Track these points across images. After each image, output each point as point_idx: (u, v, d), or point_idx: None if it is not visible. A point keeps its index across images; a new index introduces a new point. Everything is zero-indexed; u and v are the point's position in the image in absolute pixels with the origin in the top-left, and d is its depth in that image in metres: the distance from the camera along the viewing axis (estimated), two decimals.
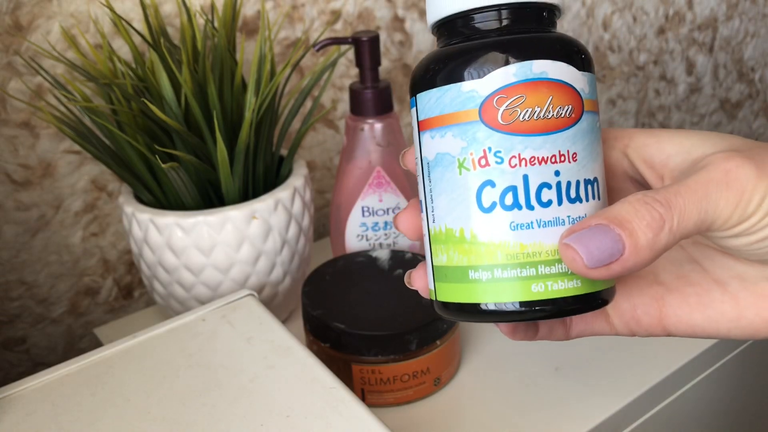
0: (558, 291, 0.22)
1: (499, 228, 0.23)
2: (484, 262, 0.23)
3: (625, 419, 0.42)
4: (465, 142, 0.23)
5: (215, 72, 0.44)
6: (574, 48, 0.23)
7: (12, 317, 0.54)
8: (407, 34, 0.67)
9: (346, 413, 0.31)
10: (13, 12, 0.48)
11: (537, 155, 0.22)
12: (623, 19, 0.86)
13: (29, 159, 0.51)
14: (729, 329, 0.25)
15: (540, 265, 0.22)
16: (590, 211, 0.23)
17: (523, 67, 0.22)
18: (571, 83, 0.23)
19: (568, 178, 0.23)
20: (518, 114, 0.22)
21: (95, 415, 0.32)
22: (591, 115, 0.23)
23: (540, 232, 0.22)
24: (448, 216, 0.24)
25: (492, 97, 0.22)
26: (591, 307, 0.23)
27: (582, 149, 0.23)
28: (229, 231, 0.44)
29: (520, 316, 0.23)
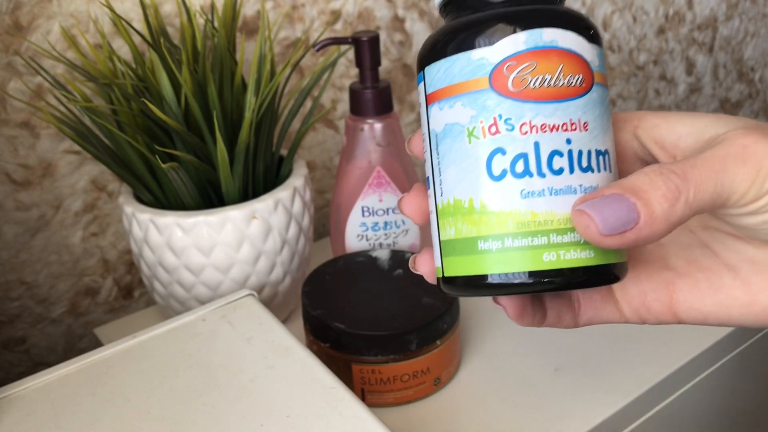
0: (570, 261, 0.22)
1: (509, 196, 0.22)
2: (494, 231, 0.22)
3: (625, 419, 0.42)
4: (475, 111, 0.23)
5: (215, 72, 0.44)
6: (583, 21, 0.23)
7: (12, 317, 0.54)
8: (407, 34, 0.67)
9: (346, 413, 0.31)
10: (13, 12, 0.48)
11: (548, 122, 0.22)
12: (623, 19, 0.86)
13: (29, 159, 0.51)
14: (741, 314, 0.24)
15: (552, 234, 0.22)
16: (602, 182, 0.22)
17: (533, 34, 0.22)
18: (580, 53, 0.22)
19: (580, 147, 0.22)
20: (529, 81, 0.22)
21: (95, 415, 0.32)
22: (601, 88, 0.23)
23: (552, 199, 0.22)
24: (457, 187, 0.23)
25: (502, 64, 0.22)
26: (603, 280, 0.23)
27: (593, 119, 0.23)
28: (229, 231, 0.44)
29: (530, 287, 0.22)
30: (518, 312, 0.26)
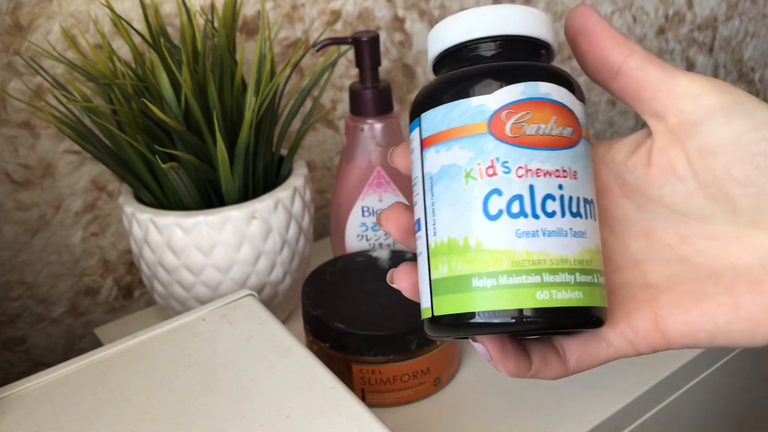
0: (561, 300, 0.23)
1: (505, 235, 0.23)
2: (489, 269, 0.23)
3: (625, 419, 0.42)
4: (473, 153, 0.24)
5: (215, 72, 0.44)
6: (571, 78, 0.25)
7: (12, 317, 0.54)
8: (407, 34, 0.67)
9: (346, 413, 0.31)
10: (13, 12, 0.48)
11: (542, 167, 0.23)
12: (623, 19, 0.86)
13: (29, 159, 0.51)
14: (728, 321, 0.24)
15: (545, 273, 0.23)
16: (589, 229, 0.24)
17: (530, 86, 0.24)
18: (571, 107, 0.24)
19: (570, 193, 0.24)
20: (525, 128, 0.23)
21: (95, 415, 0.32)
22: (586, 142, 0.25)
23: (545, 240, 0.23)
24: (452, 226, 0.24)
25: (501, 111, 0.24)
26: (589, 322, 0.23)
27: (581, 169, 0.24)
28: (229, 231, 0.44)
29: (522, 325, 0.23)
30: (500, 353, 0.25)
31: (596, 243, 0.24)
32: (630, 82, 0.25)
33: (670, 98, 0.24)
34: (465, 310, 0.23)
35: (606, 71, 0.26)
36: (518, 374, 0.26)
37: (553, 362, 0.26)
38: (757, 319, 0.23)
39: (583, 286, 0.23)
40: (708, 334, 0.24)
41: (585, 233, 0.24)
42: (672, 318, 0.24)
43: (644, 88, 0.25)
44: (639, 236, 0.26)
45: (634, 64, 0.25)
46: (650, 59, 0.25)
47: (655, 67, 0.25)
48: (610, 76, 0.26)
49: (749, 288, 0.23)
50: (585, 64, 0.26)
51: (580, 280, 0.23)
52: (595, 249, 0.24)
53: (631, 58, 0.25)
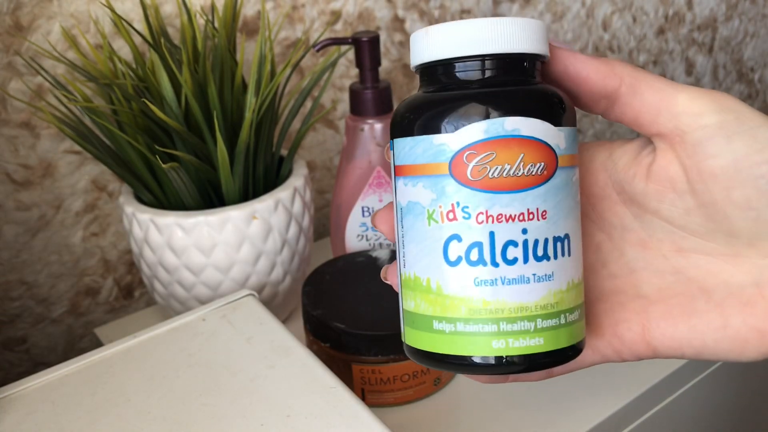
0: (519, 348, 0.22)
1: (463, 282, 0.23)
2: (447, 314, 0.23)
3: (625, 419, 0.42)
4: (435, 194, 0.23)
5: (215, 72, 0.44)
6: (553, 102, 0.23)
7: (12, 317, 0.54)
8: (407, 34, 0.67)
9: (346, 413, 0.31)
10: (14, 12, 0.48)
11: (504, 213, 0.22)
12: (623, 20, 0.86)
13: (29, 159, 0.51)
14: (715, 340, 0.23)
15: (502, 322, 0.22)
16: (557, 269, 0.23)
17: (494, 124, 0.22)
18: (545, 140, 0.22)
19: (536, 236, 0.22)
20: (488, 171, 0.22)
21: (95, 415, 0.32)
22: (566, 171, 0.23)
23: (504, 289, 0.22)
24: (417, 264, 0.24)
25: (462, 152, 0.22)
26: (551, 363, 0.23)
27: (553, 206, 0.23)
28: (229, 231, 0.44)
29: (478, 370, 0.23)
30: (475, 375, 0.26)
31: (569, 279, 0.23)
32: (626, 109, 0.24)
33: (669, 119, 0.23)
34: (426, 348, 0.24)
35: (602, 104, 0.25)
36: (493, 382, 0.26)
37: None
38: (746, 338, 0.23)
39: (545, 331, 0.22)
40: (694, 349, 0.24)
41: (552, 275, 0.23)
42: (659, 331, 0.24)
43: (642, 113, 0.24)
44: (635, 245, 0.26)
45: (627, 90, 0.24)
46: (642, 81, 0.24)
47: (649, 89, 0.24)
48: (607, 107, 0.25)
49: (740, 308, 0.23)
50: (578, 104, 0.25)
51: (542, 326, 0.22)
52: (566, 288, 0.23)
53: (622, 86, 0.24)
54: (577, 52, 0.24)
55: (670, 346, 0.24)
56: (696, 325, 0.24)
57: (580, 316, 0.24)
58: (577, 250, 0.24)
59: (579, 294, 0.24)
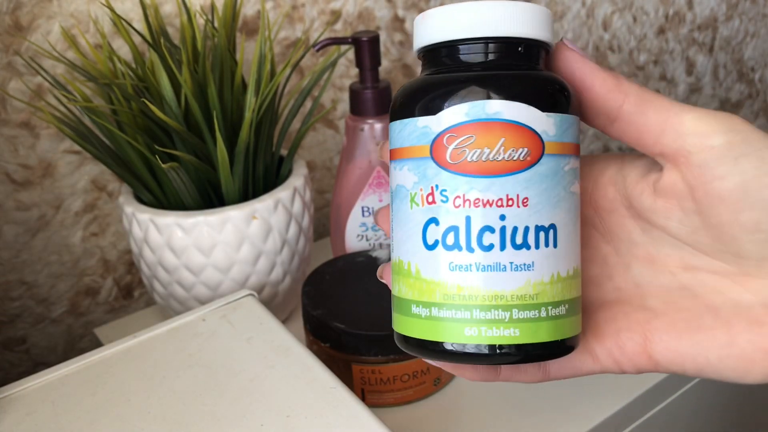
0: (491, 338, 0.22)
1: (439, 267, 0.22)
2: (424, 298, 0.23)
3: (625, 419, 0.42)
4: (417, 177, 0.23)
5: (215, 72, 0.44)
6: (542, 87, 0.22)
7: (12, 317, 0.54)
8: (407, 34, 0.67)
9: (346, 413, 0.31)
10: (13, 12, 0.48)
11: (481, 197, 0.22)
12: (623, 19, 0.86)
13: (29, 159, 0.51)
14: (719, 357, 0.23)
15: (475, 309, 0.22)
16: (539, 259, 0.22)
17: (475, 106, 0.22)
18: (529, 125, 0.22)
19: (515, 224, 0.22)
20: (466, 154, 0.22)
21: (95, 415, 0.32)
22: (555, 159, 0.22)
23: (478, 275, 0.22)
24: (401, 248, 0.24)
25: (443, 135, 0.22)
26: (526, 358, 0.22)
27: (537, 194, 0.22)
28: (229, 231, 0.44)
29: (448, 358, 0.23)
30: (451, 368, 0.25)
31: (554, 272, 0.22)
32: (629, 128, 0.23)
33: (674, 140, 0.23)
34: (405, 332, 0.24)
35: (602, 119, 0.24)
36: (482, 380, 0.25)
37: (529, 368, 0.25)
38: (752, 358, 0.23)
39: (521, 322, 0.22)
40: (696, 365, 0.24)
41: (532, 265, 0.22)
42: (662, 344, 0.24)
43: (645, 132, 0.23)
44: (642, 259, 0.26)
45: (631, 108, 0.23)
46: (647, 100, 0.23)
47: (653, 109, 0.23)
48: (607, 123, 0.24)
49: (748, 327, 0.23)
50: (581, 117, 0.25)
51: (518, 317, 0.22)
52: (549, 280, 0.22)
53: (627, 103, 0.23)
54: (587, 59, 0.24)
55: (673, 360, 0.24)
56: (701, 341, 0.23)
57: (569, 313, 0.23)
58: (569, 243, 0.23)
59: (568, 289, 0.23)
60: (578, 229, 0.24)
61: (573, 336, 0.23)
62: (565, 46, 0.24)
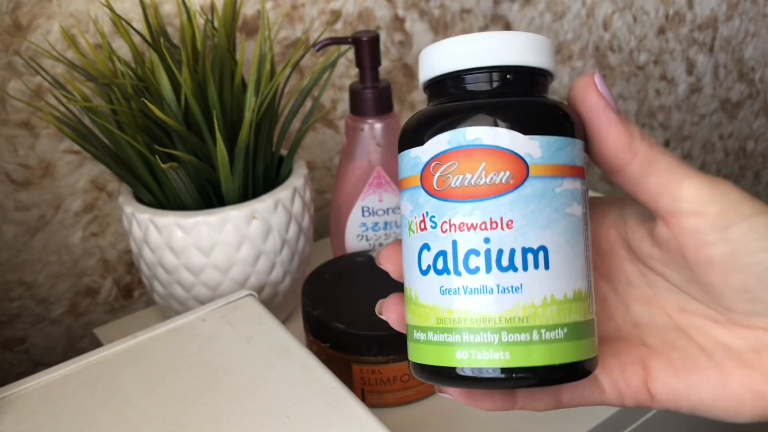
0: (481, 361, 0.22)
1: (431, 291, 0.23)
2: (422, 323, 0.23)
3: (625, 419, 0.42)
4: (412, 206, 0.24)
5: (215, 72, 0.44)
6: (527, 111, 0.23)
7: (12, 317, 0.54)
8: (407, 34, 0.67)
9: (346, 413, 0.31)
10: (13, 12, 0.48)
11: (465, 221, 0.22)
12: (623, 19, 0.86)
13: (29, 159, 0.51)
14: (713, 398, 0.24)
15: (465, 332, 0.22)
16: (528, 281, 0.22)
17: (456, 134, 0.22)
18: (510, 149, 0.22)
19: (500, 246, 0.22)
20: (450, 180, 0.23)
21: (95, 415, 0.32)
22: (543, 181, 0.22)
23: (466, 298, 0.22)
24: (406, 275, 0.25)
25: (430, 163, 0.23)
26: (519, 383, 0.22)
27: (522, 216, 0.22)
28: (229, 231, 0.44)
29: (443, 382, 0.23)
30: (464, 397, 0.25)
31: (546, 294, 0.22)
32: (629, 183, 0.24)
33: (670, 203, 0.23)
34: (411, 359, 0.24)
35: (605, 168, 0.24)
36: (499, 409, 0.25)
37: (544, 397, 0.25)
38: (743, 400, 0.24)
39: (511, 345, 0.22)
40: (691, 404, 0.24)
41: (520, 288, 0.22)
42: (659, 381, 0.25)
43: (643, 192, 0.24)
44: (640, 300, 0.27)
45: (636, 169, 0.23)
46: (653, 161, 0.23)
47: (656, 172, 0.23)
48: (609, 172, 0.24)
49: (739, 369, 0.24)
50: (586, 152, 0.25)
51: (507, 340, 0.22)
52: (540, 302, 0.22)
53: (633, 163, 0.23)
54: (610, 107, 0.23)
55: (669, 397, 0.25)
56: (696, 381, 0.24)
57: (569, 337, 0.22)
58: (565, 265, 0.22)
59: (567, 312, 0.22)
60: (581, 251, 0.23)
61: (574, 362, 0.22)
62: (595, 87, 0.23)
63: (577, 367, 0.23)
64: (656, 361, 0.25)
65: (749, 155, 1.15)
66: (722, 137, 1.08)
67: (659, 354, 0.25)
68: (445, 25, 0.69)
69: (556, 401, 0.25)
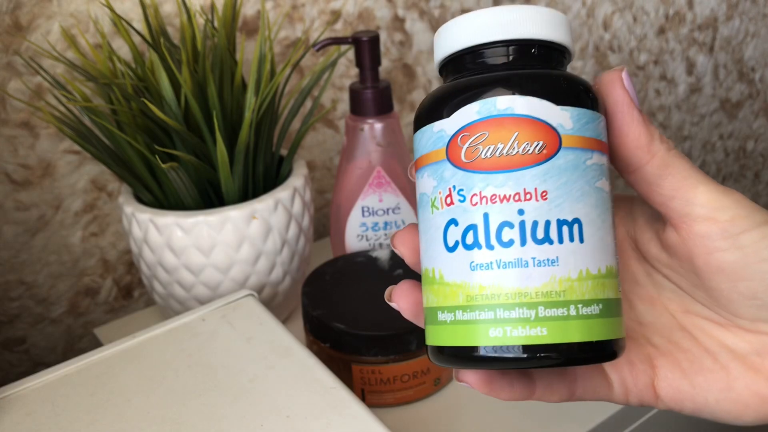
0: (516, 338, 0.21)
1: (460, 268, 0.22)
2: (448, 303, 0.22)
3: (625, 419, 0.42)
4: (435, 181, 0.23)
5: (215, 72, 0.44)
6: (555, 82, 0.22)
7: (12, 317, 0.54)
8: (407, 34, 0.67)
9: (346, 413, 0.31)
10: (13, 12, 0.48)
11: (498, 193, 0.21)
12: (623, 19, 0.86)
13: (29, 159, 0.51)
14: (717, 400, 0.24)
15: (498, 309, 0.21)
16: (564, 254, 0.21)
17: (486, 104, 0.22)
18: (543, 119, 0.21)
19: (535, 218, 0.21)
20: (480, 151, 0.22)
21: (95, 415, 0.32)
22: (575, 152, 0.22)
23: (499, 273, 0.21)
24: (425, 256, 0.23)
25: (457, 135, 0.22)
26: (557, 360, 0.21)
27: (556, 187, 0.21)
28: (229, 231, 0.44)
29: (476, 363, 0.22)
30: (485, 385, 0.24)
31: (581, 268, 0.21)
32: (642, 184, 0.24)
33: (683, 207, 0.23)
34: (435, 343, 0.23)
35: (621, 165, 0.24)
36: (517, 399, 0.25)
37: (560, 388, 0.25)
38: (747, 403, 0.24)
39: (549, 321, 0.21)
40: (695, 405, 0.24)
41: (557, 260, 0.21)
42: (666, 382, 0.25)
43: (656, 193, 0.23)
44: (644, 300, 0.27)
45: (652, 170, 0.23)
46: (670, 164, 0.23)
47: (672, 175, 0.23)
48: (624, 170, 0.24)
49: (744, 372, 0.24)
50: None
51: (544, 315, 0.21)
52: (576, 276, 0.21)
53: (650, 164, 0.23)
54: (634, 105, 0.23)
55: (674, 398, 0.25)
56: (702, 383, 0.24)
57: (603, 314, 0.21)
58: (598, 240, 0.22)
59: (601, 288, 0.22)
60: (610, 227, 0.23)
61: (609, 339, 0.22)
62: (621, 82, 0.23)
63: (612, 345, 0.22)
64: (663, 361, 0.25)
65: (749, 155, 1.15)
66: (722, 137, 1.08)
67: (666, 354, 0.25)
68: None
69: (570, 393, 0.25)
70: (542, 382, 0.25)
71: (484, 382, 0.24)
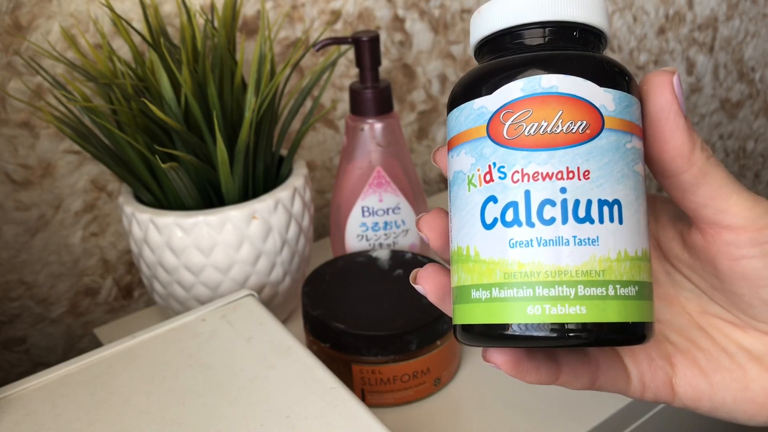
0: (555, 316, 0.21)
1: (498, 245, 0.22)
2: (484, 280, 0.22)
3: (625, 419, 0.42)
4: (474, 159, 0.23)
5: (215, 72, 0.44)
6: (598, 64, 0.22)
7: (12, 317, 0.54)
8: (407, 34, 0.67)
9: (346, 413, 0.31)
10: (13, 12, 0.48)
11: (541, 170, 0.21)
12: (623, 19, 0.86)
13: (29, 159, 0.51)
14: (735, 400, 0.24)
15: (538, 286, 0.21)
16: (604, 234, 0.21)
17: (531, 81, 0.22)
18: (587, 98, 0.22)
19: (577, 196, 0.21)
20: (523, 128, 0.22)
21: (95, 415, 0.32)
22: (617, 134, 0.22)
23: (540, 250, 0.21)
24: (459, 234, 0.23)
25: (499, 112, 0.22)
26: (597, 340, 0.21)
27: (598, 167, 0.21)
28: (229, 231, 0.44)
29: (512, 341, 0.21)
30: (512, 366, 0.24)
31: (620, 249, 0.21)
32: (677, 190, 0.24)
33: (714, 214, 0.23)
34: (467, 321, 0.23)
35: (656, 169, 0.24)
36: (540, 383, 0.25)
37: (584, 376, 0.25)
38: (762, 403, 0.24)
39: (588, 299, 0.21)
40: (712, 404, 0.25)
41: (597, 240, 0.21)
42: (685, 379, 0.25)
43: (689, 200, 0.23)
44: (662, 298, 0.27)
45: (689, 179, 0.23)
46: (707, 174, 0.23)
47: (708, 184, 0.23)
48: (659, 174, 0.24)
49: (761, 374, 0.24)
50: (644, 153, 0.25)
51: (583, 294, 0.21)
52: (615, 257, 0.21)
53: (688, 173, 0.23)
54: (682, 112, 0.23)
55: (691, 396, 0.25)
56: (719, 382, 0.25)
57: (639, 296, 0.22)
58: (636, 222, 0.22)
59: (637, 270, 0.22)
60: (645, 211, 0.23)
61: (644, 322, 0.22)
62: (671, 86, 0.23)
63: (643, 328, 0.22)
64: (682, 359, 0.25)
65: (749, 155, 1.15)
66: (722, 137, 1.08)
67: (685, 352, 0.25)
68: (445, 25, 0.69)
69: (592, 382, 0.25)
70: (568, 368, 0.24)
71: (513, 363, 0.24)
